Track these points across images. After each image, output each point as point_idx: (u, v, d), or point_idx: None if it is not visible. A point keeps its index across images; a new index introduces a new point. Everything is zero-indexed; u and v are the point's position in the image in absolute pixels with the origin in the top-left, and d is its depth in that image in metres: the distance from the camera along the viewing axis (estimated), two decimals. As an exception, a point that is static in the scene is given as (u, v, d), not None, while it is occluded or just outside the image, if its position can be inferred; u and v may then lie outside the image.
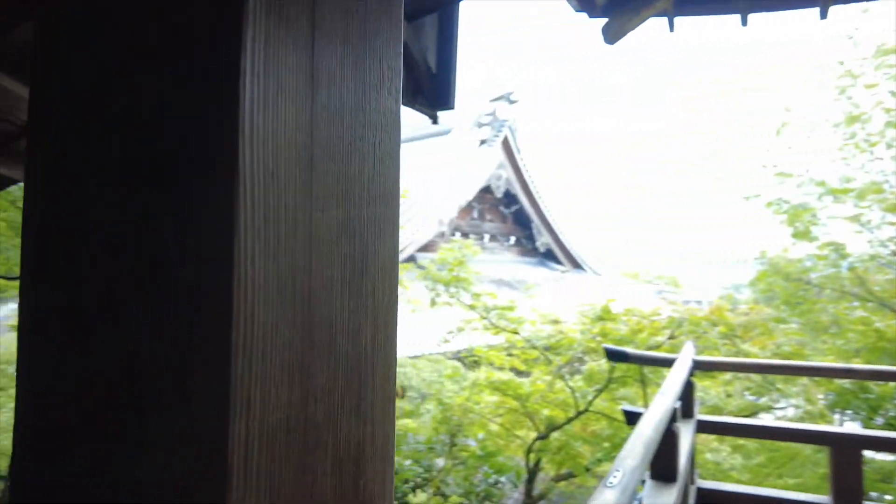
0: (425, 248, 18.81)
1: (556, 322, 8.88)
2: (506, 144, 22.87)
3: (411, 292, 10.45)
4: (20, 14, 1.89)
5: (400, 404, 6.68)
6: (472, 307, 7.25)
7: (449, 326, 8.34)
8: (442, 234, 20.74)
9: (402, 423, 6.26)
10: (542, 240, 25.16)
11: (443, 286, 7.56)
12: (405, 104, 2.40)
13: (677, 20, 2.96)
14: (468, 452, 5.34)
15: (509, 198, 23.75)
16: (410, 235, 19.23)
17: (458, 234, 22.31)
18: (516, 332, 7.22)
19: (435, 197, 20.99)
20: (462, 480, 5.13)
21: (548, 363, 7.04)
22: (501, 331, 7.32)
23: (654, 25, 2.98)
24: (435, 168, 21.52)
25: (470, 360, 7.29)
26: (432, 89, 2.44)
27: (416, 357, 9.62)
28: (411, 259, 18.20)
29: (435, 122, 2.57)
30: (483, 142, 22.49)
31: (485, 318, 7.22)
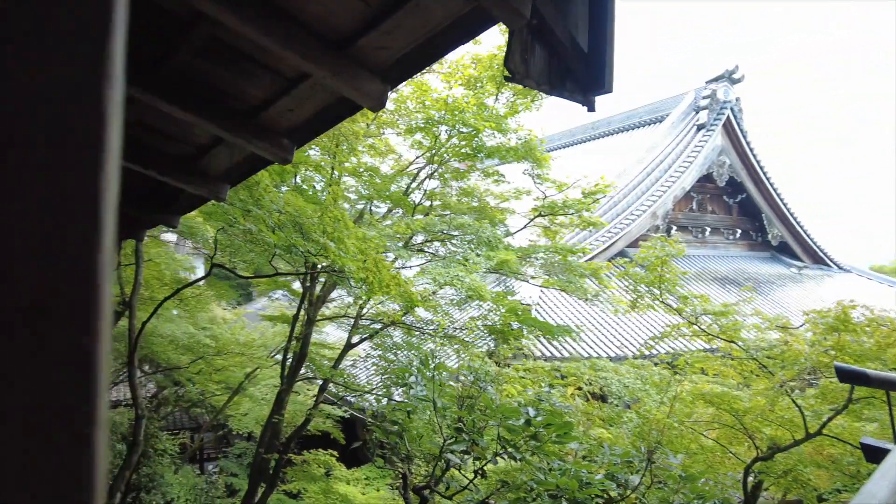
0: (637, 243, 17.84)
1: (784, 328, 7.76)
2: (728, 128, 20.84)
3: (615, 292, 9.93)
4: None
5: (595, 412, 6.32)
6: (677, 311, 6.59)
7: (654, 329, 7.73)
8: (657, 228, 19.58)
9: (597, 433, 5.90)
10: (775, 231, 22.49)
11: (644, 287, 6.99)
12: (549, 92, 2.14)
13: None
14: (667, 472, 4.83)
15: (734, 186, 21.60)
16: (619, 230, 18.43)
17: (674, 228, 20.91)
18: (732, 341, 6.40)
19: (648, 189, 19.84)
20: (659, 502, 4.65)
21: (769, 376, 6.13)
22: (713, 338, 6.55)
23: None
24: (647, 158, 20.32)
25: (672, 367, 6.64)
26: (584, 72, 2.15)
27: (618, 360, 9.10)
28: (621, 254, 17.43)
29: (591, 109, 2.27)
30: (701, 127, 20.72)
31: (693, 323, 6.52)
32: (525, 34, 2.00)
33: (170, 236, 12.91)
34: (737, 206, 22.56)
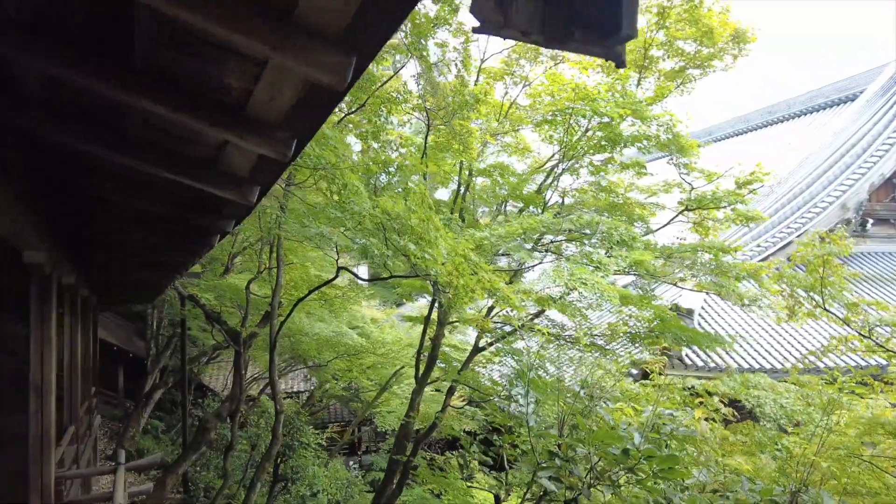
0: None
1: None
2: (941, 101, 17.53)
3: (780, 297, 8.62)
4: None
5: (735, 437, 5.37)
6: (844, 320, 5.42)
7: (825, 340, 6.50)
8: (847, 221, 17.08)
9: (737, 462, 5.01)
10: None
11: (802, 291, 5.86)
12: (546, 45, 1.66)
13: None
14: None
15: (949, 170, 18.12)
16: (800, 225, 16.29)
17: (870, 222, 18.11)
18: (918, 358, 5.14)
19: (836, 177, 17.33)
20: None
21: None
22: (893, 353, 5.31)
23: None
24: (835, 143, 17.75)
25: (840, 387, 5.45)
26: (600, 16, 1.64)
27: (777, 374, 7.82)
28: (801, 253, 15.34)
29: (620, 64, 1.73)
30: (905, 102, 17.66)
31: (865, 335, 5.32)
32: (498, -28, 1.56)
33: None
34: (955, 193, 18.98)
